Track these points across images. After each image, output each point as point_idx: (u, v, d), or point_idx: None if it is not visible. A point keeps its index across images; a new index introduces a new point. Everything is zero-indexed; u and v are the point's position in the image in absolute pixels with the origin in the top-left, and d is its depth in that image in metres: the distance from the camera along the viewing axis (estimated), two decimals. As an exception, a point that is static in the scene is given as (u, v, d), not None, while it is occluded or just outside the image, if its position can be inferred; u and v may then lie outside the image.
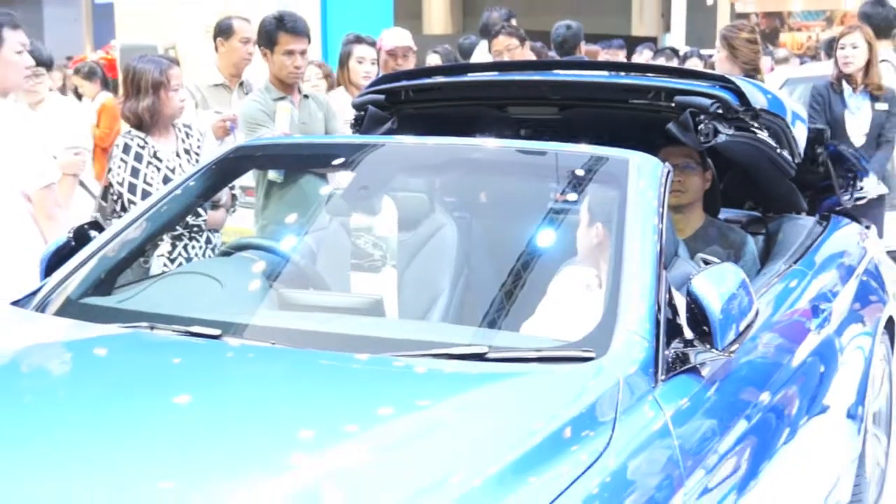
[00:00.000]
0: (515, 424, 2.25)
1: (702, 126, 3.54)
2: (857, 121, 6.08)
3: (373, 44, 6.13)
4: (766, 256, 3.95)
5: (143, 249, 3.44)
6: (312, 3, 7.33)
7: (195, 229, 4.34)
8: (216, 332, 2.64)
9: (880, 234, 6.00)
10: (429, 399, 2.39)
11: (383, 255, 3.40)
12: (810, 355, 3.40)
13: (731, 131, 3.61)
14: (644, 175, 2.97)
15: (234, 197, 4.65)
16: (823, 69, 10.24)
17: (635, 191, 2.91)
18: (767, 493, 2.86)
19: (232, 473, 2.06)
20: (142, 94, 4.40)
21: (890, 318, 4.44)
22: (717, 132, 3.54)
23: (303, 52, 5.13)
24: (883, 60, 6.64)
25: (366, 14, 7.58)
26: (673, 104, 3.64)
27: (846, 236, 4.34)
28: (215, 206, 4.47)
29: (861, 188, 4.50)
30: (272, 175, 4.71)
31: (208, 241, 4.44)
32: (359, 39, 6.08)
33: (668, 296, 2.68)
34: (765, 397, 2.96)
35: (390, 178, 3.64)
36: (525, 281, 3.11)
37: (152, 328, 2.71)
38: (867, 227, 4.65)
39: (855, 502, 4.08)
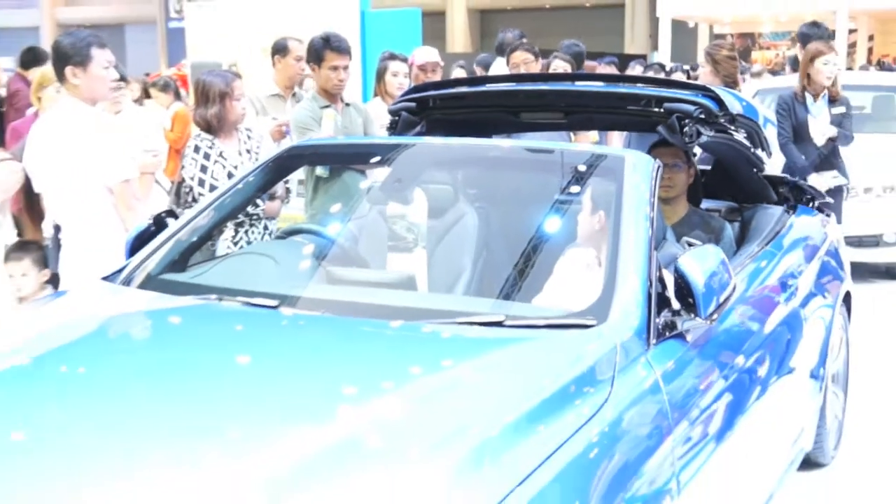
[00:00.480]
0: (527, 381, 2.25)
1: (686, 129, 3.55)
2: (818, 124, 6.09)
3: (405, 60, 6.12)
4: (741, 240, 3.94)
5: (210, 234, 3.47)
6: (353, 26, 7.32)
7: (255, 217, 4.36)
8: (274, 303, 2.67)
9: (839, 221, 5.99)
10: (453, 359, 2.41)
11: (415, 238, 3.41)
12: (779, 324, 3.39)
13: (711, 133, 3.61)
14: (638, 170, 2.97)
15: (287, 190, 4.65)
16: (788, 81, 10.25)
17: (630, 184, 2.91)
18: (742, 440, 2.87)
19: (286, 419, 2.08)
20: (210, 102, 4.42)
21: (847, 293, 4.43)
22: (699, 134, 3.54)
23: (345, 68, 5.14)
24: None
25: (398, 35, 7.57)
26: (662, 110, 3.64)
27: (810, 223, 4.32)
28: (272, 198, 4.48)
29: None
30: (319, 171, 4.72)
31: (265, 227, 4.45)
32: (393, 56, 6.07)
33: (658, 273, 2.69)
34: (740, 360, 2.96)
35: (420, 173, 3.66)
36: (535, 261, 3.12)
37: (220, 300, 2.73)
38: (827, 216, 4.63)
39: (817, 449, 4.09)
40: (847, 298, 4.45)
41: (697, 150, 4.20)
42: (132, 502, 1.81)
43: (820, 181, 5.85)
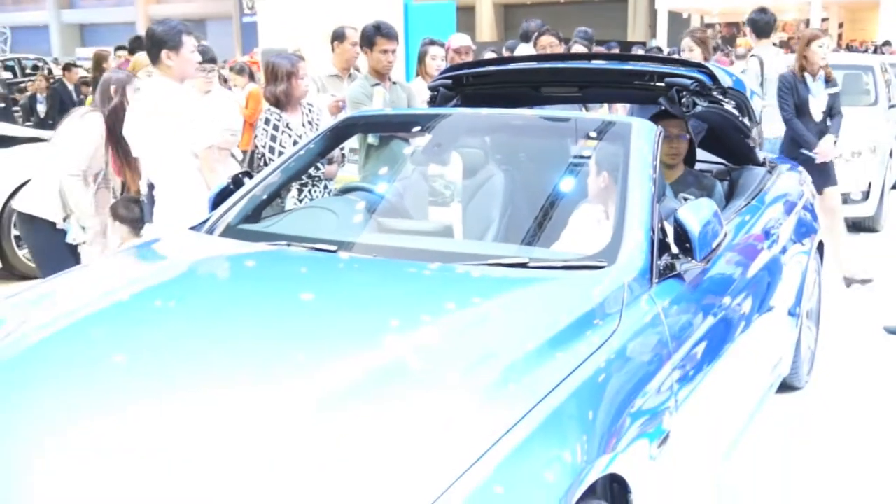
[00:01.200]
0: (546, 314, 2.22)
1: (684, 100, 3.46)
2: (818, 102, 5.89)
3: (442, 45, 6.04)
4: (730, 196, 3.85)
5: (279, 192, 3.42)
6: (398, 17, 7.25)
7: (316, 179, 4.32)
8: (333, 248, 2.64)
9: (835, 182, 5.87)
10: (483, 296, 2.36)
11: (451, 194, 3.35)
12: (762, 268, 3.32)
13: (705, 104, 3.51)
14: (642, 136, 2.89)
15: (343, 155, 4.61)
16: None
17: (636, 147, 2.84)
18: (730, 366, 2.82)
19: (339, 346, 2.07)
20: (278, 81, 4.37)
21: (820, 242, 4.33)
22: (695, 104, 3.45)
23: (393, 51, 5.07)
24: (753, 55, 6.47)
25: (436, 24, 7.50)
26: (663, 84, 3.54)
27: (789, 180, 4.22)
28: (330, 162, 4.44)
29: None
30: (370, 139, 4.67)
31: (325, 186, 4.42)
32: (432, 42, 5.99)
33: (659, 223, 2.63)
34: (728, 298, 2.90)
35: (456, 139, 3.58)
36: (552, 213, 3.06)
37: (289, 245, 2.71)
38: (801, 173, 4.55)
39: (793, 374, 4.03)
40: (820, 247, 4.36)
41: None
42: (212, 402, 1.83)
43: (825, 147, 5.70)
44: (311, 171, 4.22)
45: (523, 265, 2.46)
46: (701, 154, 4.21)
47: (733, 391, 2.97)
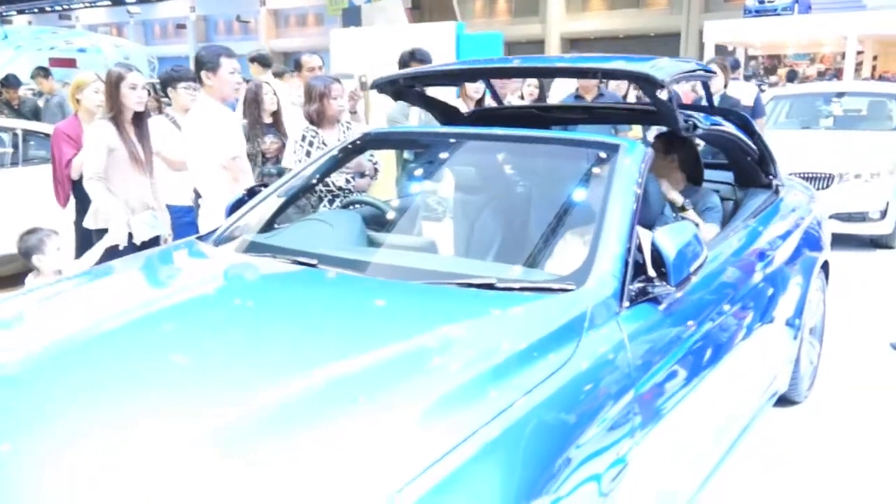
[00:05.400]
0: (498, 339, 1.83)
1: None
2: None
3: (482, 71, 5.64)
4: (732, 216, 3.37)
5: (289, 204, 3.04)
6: (450, 46, 6.92)
7: (347, 191, 3.99)
8: (314, 261, 2.30)
9: None
10: (436, 317, 1.96)
11: (444, 210, 2.94)
12: (753, 288, 2.85)
13: (707, 125, 3.03)
14: (629, 155, 2.47)
15: (375, 170, 4.27)
16: (797, 90, 9.41)
17: (620, 167, 2.42)
18: (710, 390, 2.37)
19: (274, 364, 1.73)
20: (313, 100, 4.07)
21: (825, 262, 3.80)
22: (695, 127, 2.97)
23: None
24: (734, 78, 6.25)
25: (485, 53, 7.15)
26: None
27: (796, 202, 3.69)
28: (362, 175, 4.11)
29: None
30: (406, 155, 4.32)
31: None
32: (472, 68, 5.60)
33: (638, 243, 2.21)
34: (710, 322, 2.43)
35: (458, 157, 3.11)
36: (546, 234, 2.60)
37: (275, 257, 2.39)
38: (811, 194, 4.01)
39: (791, 389, 3.54)
40: (825, 266, 3.81)
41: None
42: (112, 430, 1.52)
43: None
44: (342, 183, 3.91)
45: (490, 286, 2.08)
46: (709, 175, 3.74)
47: (713, 417, 2.51)
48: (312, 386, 1.61)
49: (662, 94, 2.66)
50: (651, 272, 2.16)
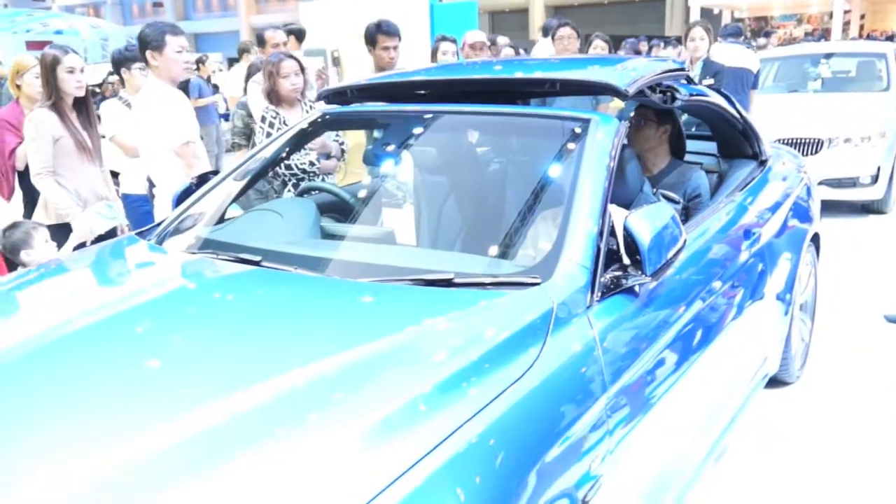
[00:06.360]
0: (455, 345, 1.63)
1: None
2: None
3: (454, 41, 5.39)
4: (717, 189, 3.17)
5: (244, 191, 2.82)
6: (424, 16, 6.64)
7: (311, 174, 3.76)
8: (257, 258, 2.07)
9: None
10: (386, 320, 1.75)
11: (404, 196, 2.69)
12: (739, 267, 2.65)
13: (686, 95, 2.80)
14: (601, 129, 2.25)
15: (342, 150, 4.03)
16: (783, 52, 9.20)
17: (592, 142, 2.20)
18: (692, 384, 2.18)
19: (206, 377, 1.52)
20: (266, 79, 3.82)
21: (816, 234, 3.60)
22: (674, 98, 2.74)
23: (395, 47, 4.44)
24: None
25: (459, 22, 6.87)
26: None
27: (784, 172, 3.49)
28: (328, 157, 3.88)
29: None
30: (375, 134, 4.05)
31: (322, 181, 3.83)
32: (444, 38, 5.36)
33: (611, 229, 2.00)
34: (692, 308, 2.23)
35: (414, 137, 2.84)
36: (517, 220, 2.38)
37: (216, 255, 2.17)
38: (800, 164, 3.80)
39: (783, 370, 3.36)
40: (815, 238, 3.62)
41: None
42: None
43: None
44: (307, 166, 3.67)
45: (448, 282, 1.87)
46: (692, 146, 3.53)
47: (695, 413, 2.31)
48: (247, 406, 1.41)
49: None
50: (626, 260, 1.96)
